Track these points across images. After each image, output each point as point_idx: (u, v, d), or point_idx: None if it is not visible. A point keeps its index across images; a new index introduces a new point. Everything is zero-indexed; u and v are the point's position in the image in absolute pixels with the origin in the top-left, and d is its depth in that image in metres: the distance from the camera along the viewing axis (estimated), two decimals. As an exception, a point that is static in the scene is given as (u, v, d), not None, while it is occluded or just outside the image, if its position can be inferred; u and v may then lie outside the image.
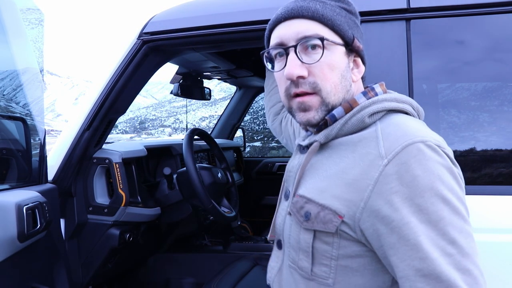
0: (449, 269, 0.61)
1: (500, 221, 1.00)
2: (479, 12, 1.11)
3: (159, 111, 48.03)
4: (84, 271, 1.64)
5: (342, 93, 0.80)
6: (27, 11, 1.51)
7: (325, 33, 0.79)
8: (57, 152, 1.54)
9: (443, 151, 0.69)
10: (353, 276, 0.73)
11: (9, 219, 1.06)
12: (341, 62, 0.80)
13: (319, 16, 0.79)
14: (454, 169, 0.68)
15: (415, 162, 0.65)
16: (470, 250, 0.63)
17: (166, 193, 1.88)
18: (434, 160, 0.66)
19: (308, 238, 0.76)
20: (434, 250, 0.62)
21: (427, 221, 0.63)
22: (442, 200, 0.64)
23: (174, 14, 1.44)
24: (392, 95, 0.80)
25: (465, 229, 0.65)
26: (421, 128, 0.72)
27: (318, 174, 0.78)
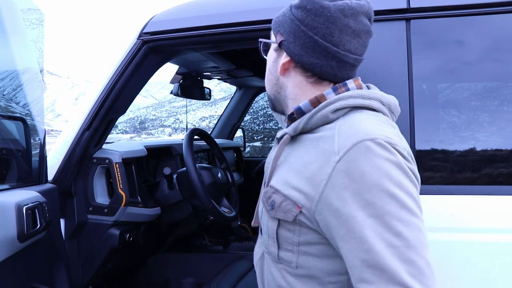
0: (393, 260, 0.64)
1: (500, 221, 1.00)
2: (479, 12, 1.11)
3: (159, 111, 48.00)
4: (84, 271, 1.64)
5: (271, 85, 0.91)
6: (27, 11, 1.52)
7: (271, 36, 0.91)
8: (57, 152, 1.54)
9: (394, 148, 0.71)
10: (313, 261, 0.78)
11: (9, 219, 1.06)
12: (270, 57, 0.91)
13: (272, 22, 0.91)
14: (404, 165, 0.70)
15: (363, 159, 0.69)
16: (416, 242, 0.66)
17: (166, 193, 1.88)
18: (382, 157, 0.69)
19: (273, 225, 0.82)
20: (379, 242, 0.65)
21: (373, 215, 0.67)
22: (389, 195, 0.67)
23: (174, 14, 1.44)
24: (359, 92, 0.81)
25: (413, 222, 0.67)
26: (375, 126, 0.74)
27: (286, 166, 0.82)
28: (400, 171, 0.69)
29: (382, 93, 0.85)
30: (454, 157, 1.12)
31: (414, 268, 0.64)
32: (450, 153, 1.13)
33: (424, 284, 0.64)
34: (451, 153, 1.13)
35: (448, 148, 1.14)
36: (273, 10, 1.28)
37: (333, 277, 0.77)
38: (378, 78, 1.16)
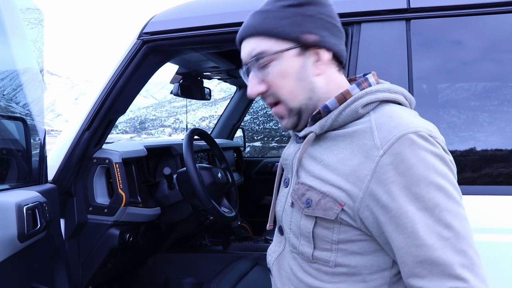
0: (445, 252, 0.65)
1: (500, 221, 1.00)
2: (479, 12, 1.11)
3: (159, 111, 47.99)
4: (84, 271, 1.64)
5: (304, 94, 0.83)
6: (27, 11, 1.52)
7: (269, 45, 0.81)
8: (57, 152, 1.54)
9: (435, 140, 0.71)
10: (353, 258, 0.76)
11: (9, 219, 1.06)
12: (293, 66, 0.82)
13: (258, 31, 0.82)
14: (445, 157, 0.71)
15: (410, 152, 0.68)
16: (465, 232, 0.67)
17: (166, 193, 1.88)
18: (427, 150, 0.69)
19: (309, 224, 0.79)
20: (431, 236, 0.65)
21: (423, 209, 0.66)
22: (437, 187, 0.67)
23: (174, 14, 1.44)
24: (385, 86, 0.82)
25: (460, 213, 0.68)
26: (414, 119, 0.74)
27: (318, 163, 0.80)
28: (443, 163, 0.70)
29: (400, 87, 0.85)
30: (454, 157, 1.12)
31: (466, 258, 0.65)
32: (450, 153, 1.13)
33: (476, 273, 0.64)
34: (451, 153, 1.13)
35: (448, 148, 1.13)
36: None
37: (376, 273, 0.76)
38: (378, 78, 1.16)
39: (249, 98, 0.85)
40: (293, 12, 0.81)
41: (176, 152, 2.19)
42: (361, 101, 0.78)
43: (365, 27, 1.18)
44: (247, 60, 0.84)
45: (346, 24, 1.21)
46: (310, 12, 0.81)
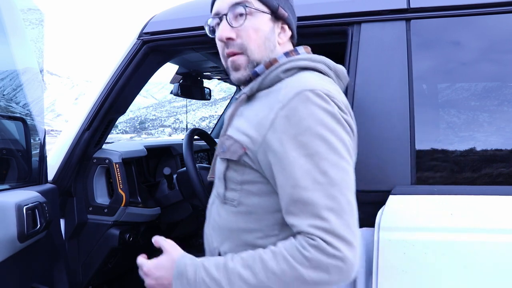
0: (316, 195, 0.74)
1: (501, 221, 1.00)
2: (479, 12, 1.11)
3: (159, 111, 48.00)
4: (84, 271, 1.64)
5: (266, 52, 0.94)
6: (27, 11, 1.52)
7: (256, 4, 0.93)
8: (57, 152, 1.54)
9: (331, 99, 0.80)
10: (253, 198, 0.87)
11: (9, 219, 1.06)
12: (265, 26, 0.94)
13: None
14: (338, 115, 0.80)
15: (303, 106, 0.78)
16: (340, 181, 0.75)
17: (166, 193, 1.87)
18: (319, 106, 0.78)
19: (222, 167, 0.92)
20: (306, 179, 0.75)
21: (305, 155, 0.76)
22: (321, 138, 0.76)
23: (174, 14, 1.43)
24: (307, 55, 0.92)
25: (340, 164, 0.76)
26: (318, 81, 0.83)
27: (241, 118, 0.92)
28: (334, 119, 0.78)
29: (327, 59, 0.93)
30: (454, 157, 1.12)
31: (335, 203, 0.73)
32: (450, 153, 1.13)
33: (341, 217, 0.73)
34: (451, 153, 1.13)
35: (448, 148, 1.14)
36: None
37: (269, 214, 0.86)
38: (378, 78, 1.16)
39: (218, 39, 0.97)
40: None
41: (176, 152, 2.19)
42: (282, 67, 0.89)
43: (365, 27, 1.18)
44: (225, 8, 0.94)
45: (346, 24, 1.21)
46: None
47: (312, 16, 1.24)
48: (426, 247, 1.00)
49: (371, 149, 1.12)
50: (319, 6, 1.24)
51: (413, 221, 1.03)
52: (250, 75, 0.94)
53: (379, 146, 1.12)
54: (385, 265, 1.01)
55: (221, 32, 0.94)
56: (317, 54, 0.94)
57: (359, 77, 1.16)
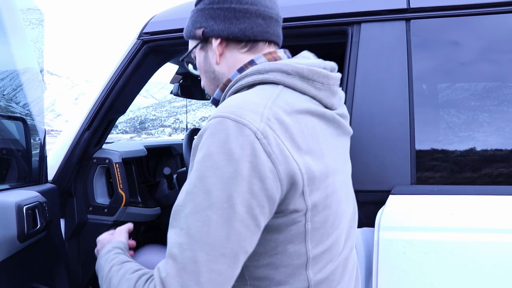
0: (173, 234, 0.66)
1: (500, 221, 1.00)
2: (479, 12, 1.11)
3: (159, 111, 47.99)
4: (84, 271, 1.64)
5: (212, 84, 0.90)
6: (27, 11, 1.51)
7: (190, 46, 0.92)
8: (57, 152, 1.54)
9: (250, 129, 0.64)
10: None
11: (9, 219, 1.06)
12: (200, 60, 0.90)
13: (184, 36, 0.94)
14: (236, 154, 0.63)
15: (204, 137, 0.66)
16: (197, 236, 0.62)
17: (166, 193, 1.87)
18: (216, 136, 0.65)
19: None
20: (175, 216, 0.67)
21: (185, 191, 0.66)
22: (200, 175, 0.64)
23: (174, 14, 1.43)
24: (255, 68, 0.79)
25: (203, 212, 0.63)
26: (243, 104, 0.68)
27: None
28: (229, 162, 0.63)
29: (293, 62, 0.78)
30: (454, 157, 1.12)
31: (181, 255, 0.63)
32: (450, 153, 1.13)
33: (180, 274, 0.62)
34: (451, 153, 1.13)
35: (448, 148, 1.14)
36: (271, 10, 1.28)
37: None
38: (378, 78, 1.16)
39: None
40: (192, 12, 0.90)
41: (176, 152, 2.19)
42: (230, 91, 0.80)
43: (365, 27, 1.18)
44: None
45: (346, 24, 1.21)
46: (201, 7, 0.87)
47: (312, 16, 1.24)
48: (426, 247, 1.00)
49: (371, 149, 1.12)
50: (319, 6, 1.24)
51: (413, 221, 1.03)
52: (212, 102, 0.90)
53: (379, 146, 1.12)
54: (385, 264, 1.02)
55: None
56: (317, 54, 0.89)
57: (359, 77, 1.16)
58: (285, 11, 1.26)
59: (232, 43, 0.85)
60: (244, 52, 0.85)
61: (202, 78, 0.92)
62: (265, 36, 0.85)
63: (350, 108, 1.15)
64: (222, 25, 0.84)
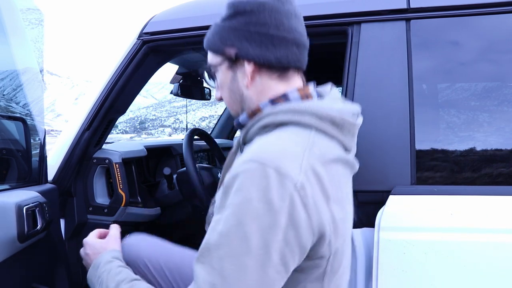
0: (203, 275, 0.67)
1: (500, 221, 1.00)
2: (479, 12, 1.11)
3: (159, 111, 48.02)
4: (84, 271, 1.64)
5: (237, 105, 0.87)
6: (27, 11, 1.52)
7: (211, 58, 0.88)
8: (57, 152, 1.54)
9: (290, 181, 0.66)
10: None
11: (9, 219, 1.06)
12: (226, 78, 0.87)
13: (204, 45, 0.90)
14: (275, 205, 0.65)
15: (244, 178, 0.66)
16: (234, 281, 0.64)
17: (166, 193, 1.87)
18: (256, 183, 0.65)
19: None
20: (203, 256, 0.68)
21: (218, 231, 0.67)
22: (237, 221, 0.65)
23: (174, 14, 1.43)
24: (291, 106, 0.78)
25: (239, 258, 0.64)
26: (277, 149, 0.70)
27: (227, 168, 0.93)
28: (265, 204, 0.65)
29: (326, 105, 0.78)
30: (454, 157, 1.12)
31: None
32: (450, 153, 1.13)
33: None
34: (451, 153, 1.13)
35: (448, 148, 1.14)
36: (273, 10, 1.28)
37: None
38: (378, 78, 1.16)
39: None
40: (221, 26, 0.85)
41: (176, 152, 2.19)
42: (260, 123, 0.79)
43: (365, 27, 1.18)
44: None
45: (346, 24, 1.21)
46: (234, 24, 0.83)
47: (312, 16, 1.24)
48: (426, 247, 1.00)
49: (371, 149, 1.12)
50: (319, 6, 1.24)
51: (413, 221, 1.03)
52: (235, 125, 0.89)
53: (379, 147, 1.12)
54: (385, 265, 1.02)
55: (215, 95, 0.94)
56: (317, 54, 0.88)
57: (359, 77, 1.16)
58: (285, 11, 1.27)
59: (264, 69, 0.82)
60: (275, 78, 0.83)
61: (224, 95, 0.89)
62: (297, 64, 0.83)
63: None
64: (258, 50, 0.81)
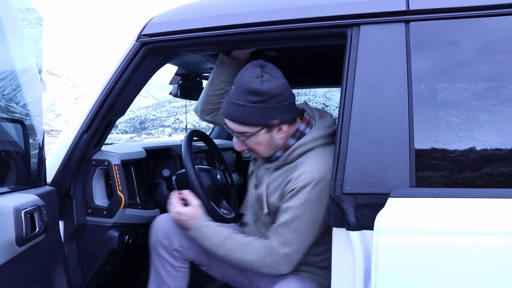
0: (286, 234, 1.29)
1: (500, 224, 1.00)
2: (478, 14, 1.11)
3: (159, 111, 48.03)
4: (83, 273, 1.64)
5: (271, 150, 1.39)
6: (26, 11, 1.51)
7: (247, 129, 1.32)
8: (56, 154, 1.53)
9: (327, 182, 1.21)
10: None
11: (7, 223, 1.06)
12: (264, 138, 1.34)
13: (239, 120, 1.32)
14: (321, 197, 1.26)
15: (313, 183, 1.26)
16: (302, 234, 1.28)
17: (165, 194, 1.87)
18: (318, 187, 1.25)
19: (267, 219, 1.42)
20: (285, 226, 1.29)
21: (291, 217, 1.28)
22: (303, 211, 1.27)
23: (173, 16, 1.43)
24: (311, 137, 1.34)
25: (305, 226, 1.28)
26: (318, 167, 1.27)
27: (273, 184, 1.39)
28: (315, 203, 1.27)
29: (320, 127, 1.37)
30: (454, 159, 1.12)
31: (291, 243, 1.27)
32: (449, 156, 1.13)
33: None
34: (451, 156, 1.13)
35: (447, 151, 1.13)
36: (271, 12, 1.28)
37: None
38: (377, 80, 1.15)
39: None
40: (261, 107, 1.27)
41: (175, 153, 2.19)
42: (296, 153, 1.34)
43: (364, 29, 1.18)
44: (234, 130, 1.36)
45: (345, 26, 1.21)
46: (272, 104, 1.28)
47: (311, 18, 1.24)
48: (425, 250, 1.00)
49: (370, 151, 1.12)
50: (318, 8, 1.24)
51: (412, 224, 1.03)
52: (273, 158, 1.40)
53: (378, 149, 1.12)
54: (384, 268, 1.01)
55: (237, 147, 1.41)
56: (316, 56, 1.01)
57: (358, 79, 1.16)
58: (284, 13, 1.26)
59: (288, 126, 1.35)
60: (292, 124, 1.37)
61: (260, 149, 1.37)
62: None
63: (349, 110, 1.15)
64: (288, 115, 1.33)
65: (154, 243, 1.54)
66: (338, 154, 1.14)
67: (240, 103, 1.28)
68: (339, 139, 1.15)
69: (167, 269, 1.53)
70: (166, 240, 1.51)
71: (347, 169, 1.12)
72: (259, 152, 1.38)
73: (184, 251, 1.53)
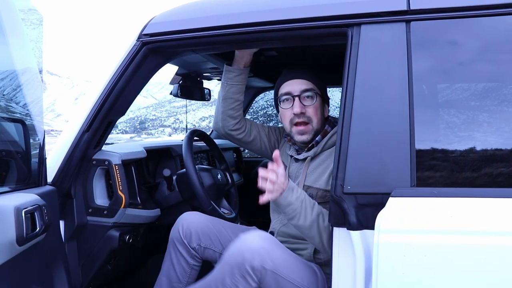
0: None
1: (501, 223, 1.00)
2: (479, 14, 1.11)
3: (159, 111, 48.01)
4: (84, 272, 1.64)
5: (320, 123, 1.56)
6: (28, 12, 1.51)
7: (312, 86, 1.54)
8: (57, 154, 1.53)
9: None
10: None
11: (8, 223, 1.06)
12: (320, 106, 1.57)
13: (311, 78, 1.55)
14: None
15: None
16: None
17: (166, 194, 1.87)
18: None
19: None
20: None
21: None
22: None
23: (174, 16, 1.43)
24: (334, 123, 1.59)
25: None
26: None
27: (314, 173, 1.52)
28: None
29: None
30: (454, 159, 1.12)
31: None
32: (450, 155, 1.13)
33: None
34: (451, 155, 1.13)
35: (448, 150, 1.13)
36: (272, 12, 1.28)
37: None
38: (378, 79, 1.15)
39: (295, 113, 1.53)
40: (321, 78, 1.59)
41: (176, 153, 2.19)
42: (334, 137, 1.50)
43: (365, 29, 1.18)
44: (297, 91, 1.54)
45: (345, 26, 1.21)
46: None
47: (312, 18, 1.24)
48: (426, 250, 1.00)
49: (371, 151, 1.12)
50: (318, 8, 1.24)
51: (413, 223, 1.03)
52: (313, 143, 1.54)
53: (379, 148, 1.12)
54: (384, 267, 1.01)
55: (297, 108, 1.51)
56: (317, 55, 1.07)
57: (358, 78, 1.16)
58: (285, 13, 1.26)
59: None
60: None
61: (315, 118, 1.55)
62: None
63: (350, 109, 1.15)
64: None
65: (175, 237, 1.62)
66: (338, 153, 1.14)
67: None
68: (340, 139, 1.15)
69: (181, 264, 1.61)
70: (187, 237, 1.59)
71: (348, 168, 1.12)
72: (313, 121, 1.53)
73: (201, 250, 1.62)
